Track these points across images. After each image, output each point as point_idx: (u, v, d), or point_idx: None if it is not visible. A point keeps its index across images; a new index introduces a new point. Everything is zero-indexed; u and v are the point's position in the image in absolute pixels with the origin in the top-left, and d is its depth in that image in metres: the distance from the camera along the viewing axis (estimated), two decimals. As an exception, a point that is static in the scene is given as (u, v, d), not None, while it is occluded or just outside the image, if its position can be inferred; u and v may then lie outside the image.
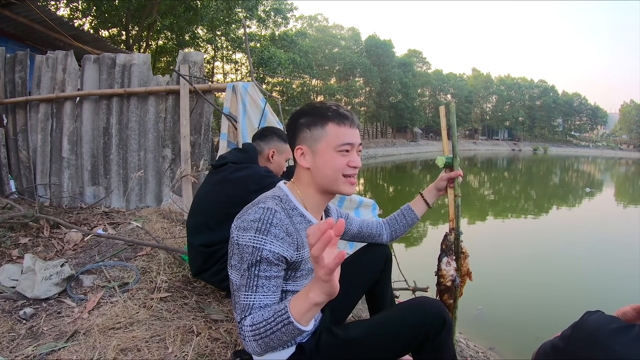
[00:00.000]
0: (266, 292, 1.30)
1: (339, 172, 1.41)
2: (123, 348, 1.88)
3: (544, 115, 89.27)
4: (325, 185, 1.45)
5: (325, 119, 1.41)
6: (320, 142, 1.41)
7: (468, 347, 3.81)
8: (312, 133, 1.42)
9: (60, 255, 3.24)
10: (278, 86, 33.06)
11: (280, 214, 1.35)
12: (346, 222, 1.86)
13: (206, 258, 2.22)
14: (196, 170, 4.49)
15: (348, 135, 1.42)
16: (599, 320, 1.09)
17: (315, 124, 1.42)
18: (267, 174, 2.24)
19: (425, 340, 1.43)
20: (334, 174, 1.41)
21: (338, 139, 1.41)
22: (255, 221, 1.32)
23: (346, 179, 1.44)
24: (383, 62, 52.00)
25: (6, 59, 5.39)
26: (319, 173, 1.43)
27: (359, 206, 3.89)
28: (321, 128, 1.41)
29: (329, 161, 1.41)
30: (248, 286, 1.29)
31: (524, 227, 12.38)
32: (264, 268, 1.30)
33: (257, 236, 1.30)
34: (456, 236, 1.97)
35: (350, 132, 1.43)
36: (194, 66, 4.64)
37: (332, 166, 1.41)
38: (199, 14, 17.13)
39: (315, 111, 1.44)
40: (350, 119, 1.43)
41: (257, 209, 1.35)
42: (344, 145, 1.41)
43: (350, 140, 1.42)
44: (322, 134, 1.41)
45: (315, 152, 1.42)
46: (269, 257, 1.30)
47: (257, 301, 1.28)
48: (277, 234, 1.32)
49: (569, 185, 26.59)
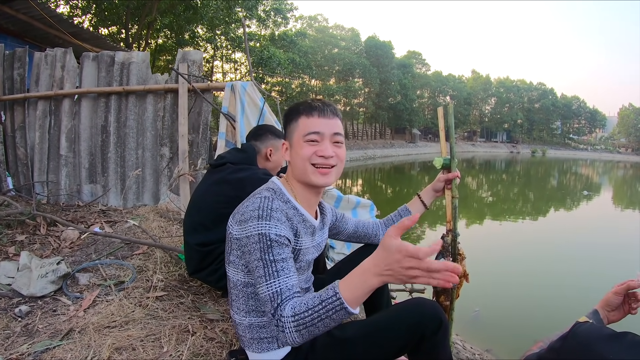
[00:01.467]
0: (288, 273, 1.29)
1: (307, 161, 1.44)
2: (118, 347, 1.88)
3: (542, 117, 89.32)
4: (299, 177, 1.48)
5: (298, 113, 1.48)
6: (294, 134, 1.47)
7: (464, 349, 3.81)
8: (290, 128, 1.50)
9: (56, 253, 3.23)
10: (277, 86, 33.03)
11: (277, 200, 1.39)
12: (341, 222, 1.88)
13: (202, 257, 2.21)
14: (194, 169, 4.49)
15: (315, 125, 1.45)
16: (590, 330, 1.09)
17: (291, 119, 1.50)
18: (265, 177, 2.23)
19: (422, 341, 1.43)
20: (302, 164, 1.45)
21: (306, 128, 1.45)
22: (256, 209, 1.34)
23: (316, 169, 1.45)
24: (382, 63, 51.98)
25: (5, 56, 5.38)
26: (293, 165, 1.49)
27: (356, 206, 3.89)
28: (294, 122, 1.48)
29: (298, 151, 1.45)
30: (268, 274, 1.28)
31: (522, 229, 12.40)
32: (277, 252, 1.30)
33: (260, 222, 1.31)
34: (453, 238, 1.97)
35: (319, 121, 1.45)
36: (193, 65, 4.63)
37: (300, 156, 1.44)
38: (199, 13, 17.12)
39: (292, 108, 1.52)
40: (319, 109, 1.46)
41: (255, 199, 1.39)
42: (310, 134, 1.44)
43: (317, 129, 1.44)
44: (295, 127, 1.48)
45: (291, 145, 1.49)
46: (278, 240, 1.31)
47: (284, 284, 1.26)
48: (279, 217, 1.35)
49: (567, 188, 26.64)
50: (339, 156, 1.48)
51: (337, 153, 1.47)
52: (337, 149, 1.48)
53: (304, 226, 1.50)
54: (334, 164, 1.47)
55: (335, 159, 1.46)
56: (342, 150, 1.50)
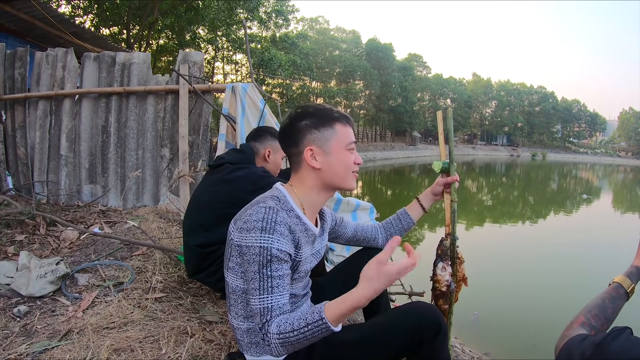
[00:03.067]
0: (282, 291, 1.33)
1: (349, 168, 1.50)
2: (116, 348, 1.87)
3: (542, 121, 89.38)
4: (335, 183, 1.50)
5: (333, 120, 1.47)
6: (332, 141, 1.46)
7: (463, 352, 3.81)
8: (322, 133, 1.46)
9: (56, 253, 3.23)
10: (278, 88, 33.12)
11: (282, 212, 1.37)
12: (340, 226, 1.87)
13: (202, 259, 2.21)
14: (194, 170, 4.48)
15: (352, 135, 1.53)
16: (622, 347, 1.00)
17: (324, 124, 1.47)
18: (264, 174, 2.24)
19: (420, 344, 1.43)
20: (345, 171, 1.49)
21: (347, 137, 1.49)
22: (260, 221, 1.33)
23: (353, 174, 1.52)
24: (383, 65, 52.01)
25: (6, 55, 5.38)
26: (331, 171, 1.47)
27: (356, 209, 3.89)
28: (330, 128, 1.47)
29: (342, 159, 1.47)
30: (262, 289, 1.31)
31: (521, 232, 12.41)
32: (275, 267, 1.32)
33: (263, 236, 1.31)
34: (452, 241, 1.97)
35: (352, 132, 1.54)
36: (194, 66, 4.63)
37: (345, 164, 1.48)
38: (200, 14, 17.14)
39: (321, 112, 1.49)
40: (351, 120, 1.55)
41: (259, 208, 1.36)
42: (352, 143, 1.51)
43: (354, 139, 1.53)
44: (332, 133, 1.46)
45: (327, 151, 1.46)
46: (279, 255, 1.32)
47: (275, 302, 1.30)
48: (282, 231, 1.34)
49: (567, 192, 26.65)
50: None
51: None
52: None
53: (306, 235, 1.48)
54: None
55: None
56: None
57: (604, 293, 1.34)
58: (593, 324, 1.24)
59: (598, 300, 1.32)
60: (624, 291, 1.33)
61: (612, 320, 1.28)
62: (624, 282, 1.34)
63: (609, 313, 1.28)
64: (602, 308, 1.28)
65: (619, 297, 1.31)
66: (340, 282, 1.88)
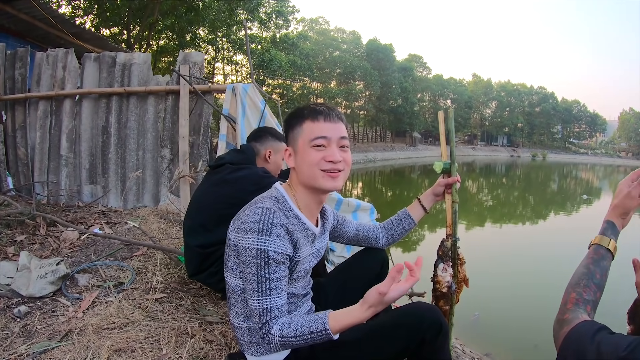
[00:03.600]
0: (280, 293, 1.35)
1: (315, 167, 1.41)
2: (117, 349, 1.87)
3: (543, 121, 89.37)
4: (307, 182, 1.46)
5: (302, 118, 1.45)
6: (298, 140, 1.45)
7: (464, 353, 3.80)
8: (293, 133, 1.47)
9: (56, 253, 3.23)
10: (278, 88, 33.12)
11: (279, 213, 1.37)
12: (342, 225, 1.87)
13: (202, 259, 2.20)
14: (194, 171, 4.48)
15: (322, 129, 1.43)
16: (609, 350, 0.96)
17: (295, 124, 1.47)
18: (265, 175, 2.23)
19: (422, 345, 1.43)
20: (310, 170, 1.42)
21: (311, 133, 1.43)
22: (256, 222, 1.33)
23: (325, 173, 1.42)
24: (383, 66, 52.02)
25: (6, 56, 5.38)
26: (300, 171, 1.46)
27: (356, 209, 3.89)
28: (299, 126, 1.45)
29: (305, 157, 1.43)
30: (261, 291, 1.32)
31: (521, 233, 12.40)
32: (273, 270, 1.33)
33: (260, 237, 1.31)
34: (453, 242, 1.96)
35: (325, 126, 1.43)
36: (194, 67, 4.63)
37: (308, 162, 1.42)
38: (201, 14, 17.14)
39: (295, 112, 1.49)
40: (325, 113, 1.44)
41: (256, 209, 1.36)
42: (317, 139, 1.42)
43: (324, 133, 1.42)
44: (299, 132, 1.45)
45: (296, 151, 1.46)
46: (275, 257, 1.33)
47: (274, 303, 1.33)
48: (279, 233, 1.34)
49: (567, 192, 26.64)
50: (346, 160, 1.47)
51: (344, 157, 1.46)
52: (344, 153, 1.46)
53: (305, 235, 1.48)
54: (342, 169, 1.45)
55: (342, 164, 1.45)
56: (349, 155, 1.49)
57: (586, 259, 1.31)
58: (586, 298, 1.20)
59: (582, 268, 1.29)
60: (605, 249, 1.30)
61: (603, 284, 1.25)
62: (601, 240, 1.32)
63: (597, 279, 1.24)
64: (589, 276, 1.25)
65: (602, 258, 1.28)
66: (341, 283, 1.88)
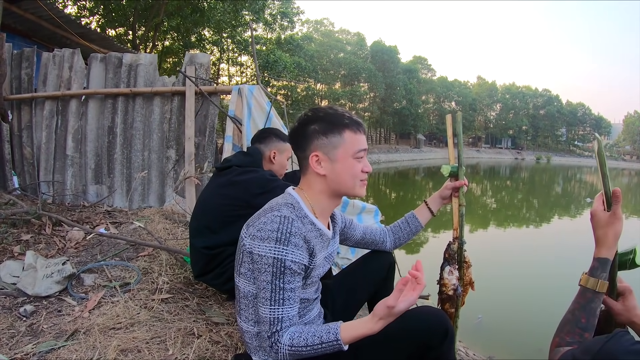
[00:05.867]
0: (292, 304, 1.34)
1: (357, 178, 1.46)
2: (123, 349, 1.88)
3: (547, 124, 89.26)
4: (341, 191, 1.47)
5: (342, 126, 1.43)
6: (339, 149, 1.42)
7: (467, 356, 3.80)
8: (329, 140, 1.43)
9: (61, 253, 3.24)
10: (283, 90, 33.18)
11: (297, 222, 1.36)
12: (350, 228, 1.87)
13: (208, 260, 2.21)
14: (200, 172, 4.49)
15: (362, 142, 1.47)
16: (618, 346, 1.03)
17: (332, 130, 1.43)
18: (272, 178, 2.23)
19: (428, 349, 1.43)
20: (352, 180, 1.45)
21: (355, 145, 1.44)
22: (275, 231, 1.32)
23: (361, 183, 1.48)
24: (388, 67, 52.09)
25: (13, 55, 5.40)
26: (336, 179, 1.45)
27: (361, 212, 3.89)
28: (339, 135, 1.42)
29: (348, 168, 1.43)
30: (274, 300, 1.31)
31: (526, 235, 12.38)
32: (288, 280, 1.32)
33: (277, 247, 1.30)
34: (459, 245, 1.96)
35: (362, 138, 1.47)
36: (200, 68, 4.64)
37: (351, 173, 1.44)
38: (206, 15, 17.20)
39: (330, 118, 1.44)
40: (361, 126, 1.48)
41: (274, 217, 1.35)
42: (361, 151, 1.45)
43: (365, 146, 1.47)
44: (339, 141, 1.42)
45: (333, 159, 1.43)
46: (292, 267, 1.32)
47: (286, 314, 1.32)
48: (297, 243, 1.33)
49: (571, 195, 26.57)
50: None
51: None
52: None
53: (321, 240, 1.48)
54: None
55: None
56: None
57: (573, 302, 1.30)
58: (569, 341, 1.22)
59: (568, 314, 1.28)
60: (592, 292, 1.26)
61: (593, 325, 1.24)
62: (587, 282, 1.27)
63: (582, 323, 1.23)
64: (574, 322, 1.24)
65: (590, 301, 1.25)
66: (349, 286, 1.88)
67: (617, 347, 1.02)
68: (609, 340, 1.05)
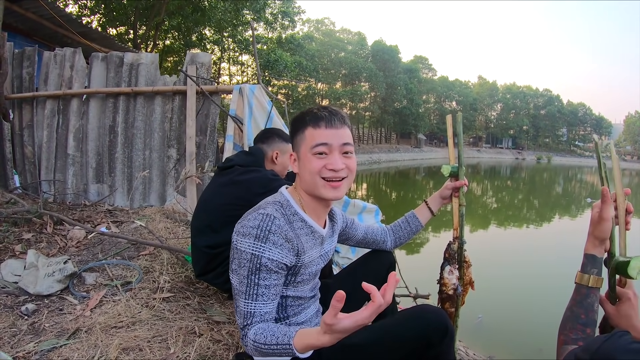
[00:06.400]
0: (265, 300, 1.34)
1: (316, 175, 1.38)
2: (125, 347, 1.89)
3: (548, 124, 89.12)
4: (308, 190, 1.44)
5: (304, 124, 1.43)
6: (301, 146, 1.43)
7: (467, 355, 3.80)
8: (297, 139, 1.45)
9: (63, 252, 3.25)
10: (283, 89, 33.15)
11: (279, 220, 1.35)
12: (351, 228, 1.88)
13: (210, 259, 2.22)
14: (201, 171, 4.50)
15: (323, 136, 1.38)
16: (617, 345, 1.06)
17: (298, 129, 1.44)
18: (274, 177, 2.24)
19: (427, 348, 1.43)
20: (311, 178, 1.40)
21: (312, 140, 1.39)
22: (255, 228, 1.33)
23: (326, 182, 1.39)
24: (389, 67, 52.00)
25: (14, 55, 5.41)
26: (301, 177, 1.45)
27: (362, 211, 3.89)
28: (302, 133, 1.43)
29: (306, 164, 1.40)
30: (248, 294, 1.33)
31: (526, 235, 12.37)
32: (263, 276, 1.33)
33: (256, 243, 1.31)
34: (459, 245, 1.97)
35: (327, 132, 1.39)
36: (202, 67, 4.65)
37: (309, 169, 1.39)
38: (207, 15, 17.15)
39: (298, 117, 1.46)
40: (326, 119, 1.39)
41: (257, 214, 1.36)
42: (317, 146, 1.38)
43: (325, 140, 1.38)
44: (302, 138, 1.43)
45: (299, 157, 1.45)
46: (268, 265, 1.32)
47: (258, 309, 1.33)
48: (276, 241, 1.33)
49: (571, 195, 26.56)
50: (349, 167, 1.42)
51: (347, 164, 1.41)
52: (347, 159, 1.41)
53: (312, 237, 1.47)
54: (345, 176, 1.41)
55: (345, 171, 1.40)
56: (353, 161, 1.44)
57: (570, 300, 1.35)
58: (574, 337, 1.26)
59: (567, 312, 1.33)
60: (586, 288, 1.31)
61: (593, 320, 1.29)
62: (581, 279, 1.33)
63: (582, 319, 1.28)
64: (574, 318, 1.29)
65: (586, 296, 1.31)
66: (350, 285, 1.88)
67: (615, 346, 1.05)
68: (607, 340, 1.08)
